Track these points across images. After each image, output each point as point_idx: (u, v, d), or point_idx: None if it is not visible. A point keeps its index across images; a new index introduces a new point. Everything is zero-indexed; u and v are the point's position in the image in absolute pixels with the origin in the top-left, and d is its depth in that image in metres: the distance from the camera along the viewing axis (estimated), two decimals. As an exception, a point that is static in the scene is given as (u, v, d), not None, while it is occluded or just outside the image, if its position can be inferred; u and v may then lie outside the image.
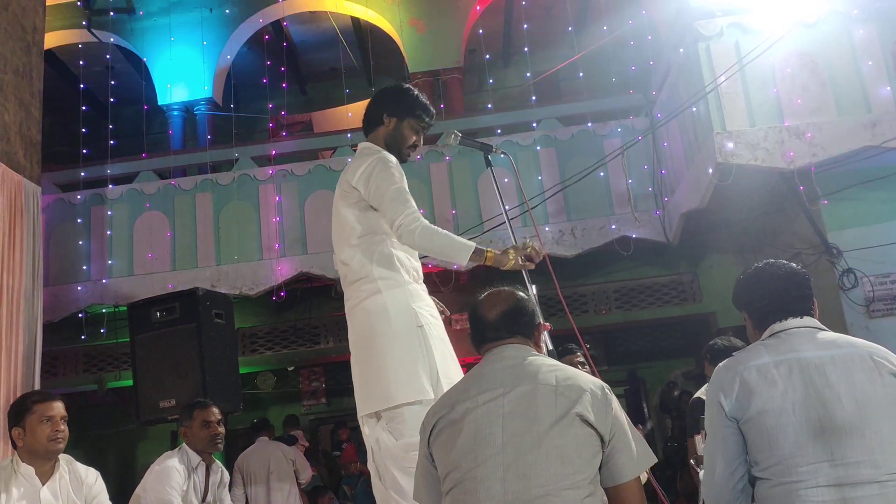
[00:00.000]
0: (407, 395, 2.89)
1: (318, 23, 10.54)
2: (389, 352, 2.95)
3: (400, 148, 3.25)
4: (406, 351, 2.94)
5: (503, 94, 10.93)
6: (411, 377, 2.90)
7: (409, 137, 3.26)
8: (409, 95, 3.27)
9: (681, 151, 7.23)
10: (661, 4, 7.68)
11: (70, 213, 8.30)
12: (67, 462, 3.86)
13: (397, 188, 3.02)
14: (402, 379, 2.90)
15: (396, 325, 2.96)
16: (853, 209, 6.40)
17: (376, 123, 3.27)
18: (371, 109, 3.30)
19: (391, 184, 3.02)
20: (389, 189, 3.01)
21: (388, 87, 3.37)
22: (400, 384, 2.90)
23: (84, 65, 9.48)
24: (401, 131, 3.25)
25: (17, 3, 6.34)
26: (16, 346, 5.69)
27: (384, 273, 3.03)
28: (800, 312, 2.38)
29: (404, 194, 3.02)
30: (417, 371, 2.91)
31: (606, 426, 2.07)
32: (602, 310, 8.88)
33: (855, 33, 6.31)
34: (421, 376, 2.90)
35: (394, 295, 3.00)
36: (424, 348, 2.95)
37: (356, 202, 3.11)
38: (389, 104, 3.25)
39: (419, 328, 2.97)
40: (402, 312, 2.98)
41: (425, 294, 3.14)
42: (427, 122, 3.31)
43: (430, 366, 2.93)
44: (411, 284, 3.07)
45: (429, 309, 3.08)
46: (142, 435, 10.16)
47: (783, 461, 2.15)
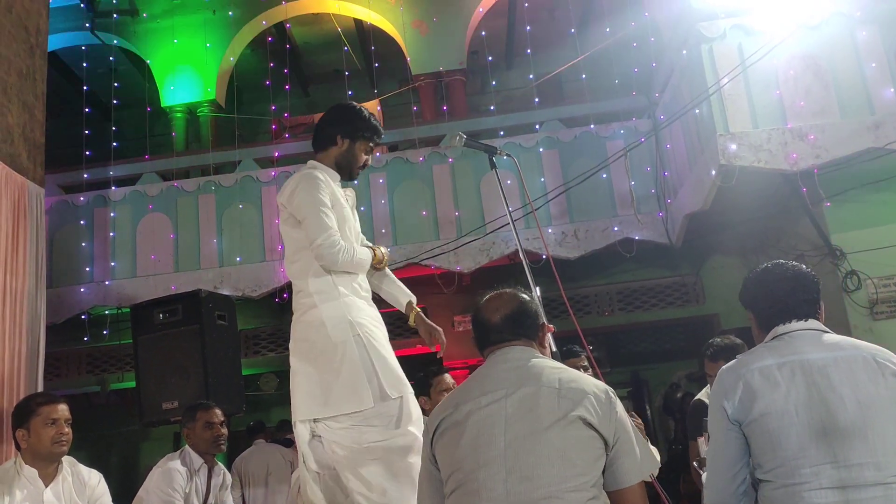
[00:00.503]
0: (349, 405, 2.96)
1: (321, 25, 10.56)
2: (329, 363, 3.02)
3: (351, 168, 3.33)
4: (343, 361, 3.00)
5: (506, 95, 10.93)
6: (350, 388, 2.97)
7: (361, 158, 3.33)
8: (363, 117, 3.32)
9: (684, 153, 7.23)
10: (664, 6, 7.68)
11: (73, 214, 8.31)
12: (70, 464, 3.87)
13: (317, 208, 3.09)
14: (342, 389, 2.97)
15: (334, 336, 3.03)
16: (856, 211, 6.39)
17: (328, 143, 3.32)
18: (323, 129, 3.34)
19: (311, 202, 3.09)
20: (310, 207, 3.09)
21: (339, 106, 3.40)
22: (340, 394, 2.97)
23: (87, 67, 9.49)
24: (353, 152, 3.31)
25: (20, 6, 6.36)
26: (19, 348, 5.69)
27: (319, 287, 3.10)
28: (804, 315, 2.37)
29: (324, 213, 3.09)
30: (356, 381, 2.97)
31: (610, 430, 2.06)
32: (605, 311, 8.87)
33: (858, 35, 6.30)
34: (360, 386, 2.96)
35: (329, 308, 3.07)
36: (362, 358, 3.00)
37: (287, 219, 3.20)
38: (343, 125, 3.30)
39: (356, 337, 3.03)
40: (339, 324, 3.04)
41: (367, 306, 3.19)
42: (377, 143, 3.38)
43: (369, 375, 2.99)
44: (348, 297, 3.11)
45: (368, 320, 3.13)
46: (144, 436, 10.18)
47: (786, 463, 2.15)
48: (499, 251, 7.80)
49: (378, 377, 2.99)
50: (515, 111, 9.10)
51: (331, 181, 3.22)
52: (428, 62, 9.51)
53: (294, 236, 3.18)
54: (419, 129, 8.53)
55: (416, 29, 9.56)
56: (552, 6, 10.24)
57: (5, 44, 6.06)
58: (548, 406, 2.06)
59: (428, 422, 2.30)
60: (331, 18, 10.14)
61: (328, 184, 3.18)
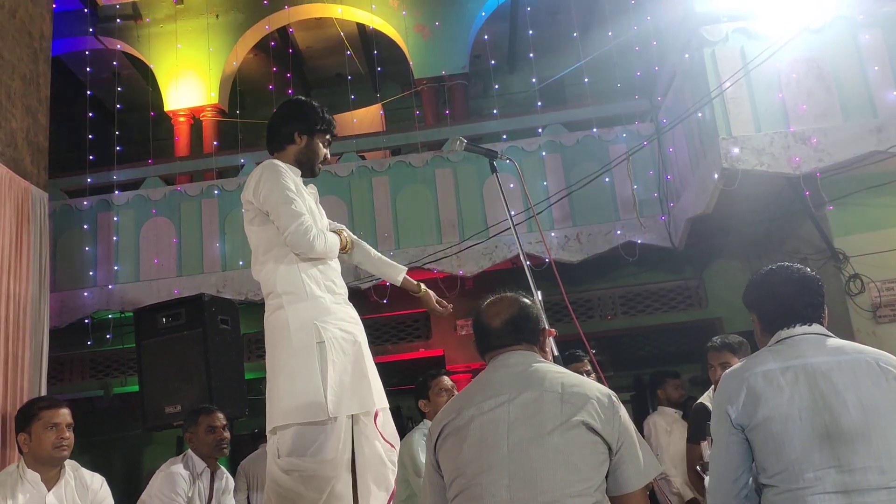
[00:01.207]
0: (295, 416, 2.87)
1: (324, 29, 10.58)
2: (285, 370, 2.94)
3: (313, 164, 3.27)
4: (300, 370, 2.90)
5: (508, 99, 10.93)
6: (301, 398, 2.87)
7: (321, 152, 3.27)
8: (317, 112, 3.25)
9: (686, 157, 7.22)
10: (667, 10, 7.68)
11: (77, 219, 8.33)
12: (73, 468, 3.87)
13: (286, 196, 3.00)
14: (293, 399, 2.88)
15: (295, 340, 2.94)
16: (859, 214, 6.38)
17: (286, 142, 3.24)
18: (278, 127, 3.27)
19: (278, 191, 3.01)
20: (279, 196, 3.00)
21: (291, 102, 3.34)
22: (290, 404, 2.88)
23: (91, 71, 9.51)
24: (313, 147, 3.24)
25: (24, 11, 6.38)
26: (22, 352, 5.70)
27: (287, 287, 3.01)
28: (809, 319, 2.37)
29: (294, 200, 3.00)
30: (308, 391, 2.87)
31: (614, 435, 2.06)
32: (608, 315, 8.86)
33: (861, 38, 6.30)
34: (310, 397, 2.86)
35: (295, 310, 2.98)
36: (320, 366, 2.90)
37: (254, 217, 3.11)
38: (299, 122, 3.23)
39: (319, 344, 2.93)
40: (303, 328, 2.95)
41: (340, 308, 3.09)
42: (333, 135, 3.32)
43: (322, 385, 2.88)
44: (321, 298, 3.01)
45: (338, 323, 3.02)
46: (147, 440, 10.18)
47: (790, 468, 2.15)
48: (501, 255, 7.80)
49: (326, 392, 2.87)
50: (518, 115, 9.10)
51: (294, 176, 3.16)
52: (430, 66, 9.52)
53: (262, 235, 3.09)
54: (422, 132, 8.54)
55: (419, 33, 9.58)
56: (554, 10, 10.24)
57: (9, 49, 6.08)
58: (551, 411, 2.06)
59: (431, 427, 2.29)
60: (333, 23, 10.16)
61: (292, 175, 3.12)
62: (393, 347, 8.86)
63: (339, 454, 2.87)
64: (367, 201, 8.08)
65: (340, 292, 3.14)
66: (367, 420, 2.99)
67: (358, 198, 8.09)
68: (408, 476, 4.36)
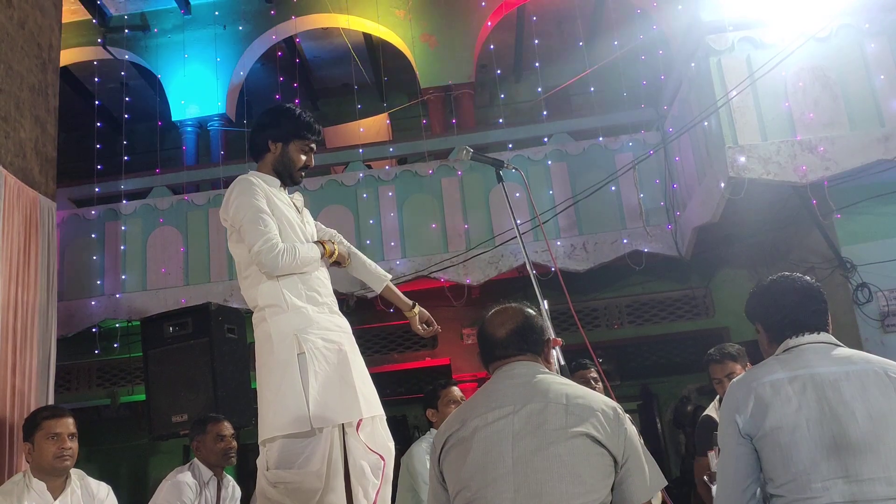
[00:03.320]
0: (280, 429, 2.84)
1: (331, 39, 10.62)
2: (269, 383, 2.91)
3: (291, 172, 3.17)
4: (282, 382, 2.87)
5: (514, 108, 10.95)
6: (285, 410, 2.84)
7: (298, 160, 3.16)
8: (291, 116, 3.15)
9: (692, 166, 7.22)
10: (673, 19, 7.70)
11: (84, 228, 8.36)
12: (79, 477, 3.88)
13: (253, 212, 2.95)
14: (277, 412, 2.85)
15: (277, 353, 2.91)
16: (867, 223, 6.36)
17: (262, 150, 3.17)
18: (255, 136, 3.19)
19: (246, 208, 2.96)
20: (246, 213, 2.96)
21: (268, 110, 3.25)
22: (275, 417, 2.86)
23: (99, 81, 9.57)
24: (288, 155, 3.15)
25: (33, 22, 6.43)
26: (30, 361, 5.72)
27: (270, 300, 2.97)
28: (816, 328, 2.37)
29: (260, 217, 2.94)
30: (291, 403, 2.83)
31: (619, 447, 2.05)
32: (614, 324, 8.84)
33: (867, 47, 6.30)
34: (294, 409, 2.83)
35: (277, 322, 2.94)
36: (301, 378, 2.86)
37: (232, 234, 3.09)
38: (272, 129, 3.14)
39: (300, 356, 2.89)
40: (284, 340, 2.91)
41: (324, 317, 3.03)
42: (314, 140, 3.20)
43: (305, 397, 2.83)
44: (301, 309, 2.96)
45: (321, 333, 2.97)
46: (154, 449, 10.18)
47: (798, 478, 2.14)
48: (507, 264, 7.80)
49: (308, 403, 2.83)
50: (524, 124, 9.12)
51: (269, 188, 3.08)
52: (437, 76, 9.54)
53: (241, 251, 3.05)
54: (428, 142, 8.55)
55: (425, 43, 9.60)
56: (560, 19, 10.27)
57: (18, 59, 6.13)
58: (555, 422, 2.05)
59: (435, 438, 2.28)
60: (340, 33, 10.20)
61: (265, 189, 3.05)
62: (399, 356, 8.85)
63: (325, 465, 2.84)
64: (374, 210, 8.09)
65: (325, 301, 3.06)
66: (350, 430, 2.95)
67: (364, 207, 8.10)
68: (415, 485, 4.35)
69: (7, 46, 5.98)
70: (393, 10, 9.68)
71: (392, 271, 7.37)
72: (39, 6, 6.54)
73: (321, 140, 3.27)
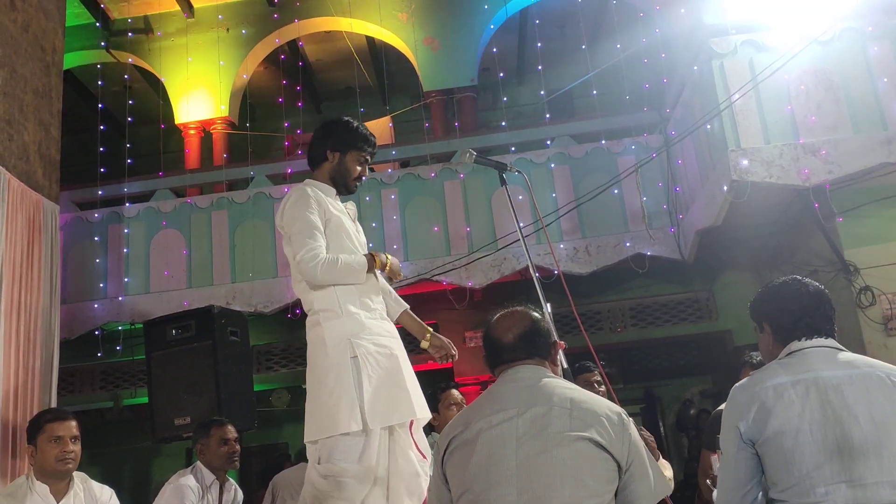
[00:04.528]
0: (333, 428, 2.93)
1: (334, 42, 10.64)
2: (323, 384, 3.00)
3: (346, 181, 3.33)
4: (337, 384, 2.97)
5: (517, 112, 10.96)
6: (337, 412, 2.93)
7: (354, 170, 3.32)
8: (350, 128, 3.32)
9: (695, 169, 7.22)
10: (675, 22, 7.70)
11: (87, 231, 8.37)
12: (82, 480, 3.88)
13: (303, 223, 3.08)
14: (331, 412, 2.94)
15: (331, 357, 3.01)
16: (870, 226, 6.36)
17: (320, 160, 3.33)
18: (314, 146, 3.35)
19: (298, 219, 3.10)
20: (296, 224, 3.10)
21: (328, 121, 3.40)
22: (329, 417, 2.95)
23: (102, 85, 9.60)
24: (344, 165, 3.30)
25: (37, 25, 6.44)
26: (33, 363, 5.72)
27: (324, 305, 3.08)
28: (825, 332, 2.36)
29: (309, 229, 3.07)
30: (343, 405, 2.93)
31: (623, 453, 2.04)
32: (617, 327, 8.84)
33: (870, 50, 6.30)
34: (346, 410, 2.92)
35: (331, 327, 3.05)
36: (354, 381, 2.96)
37: (286, 239, 3.21)
38: (331, 139, 3.31)
39: (353, 359, 2.99)
40: (338, 344, 3.01)
41: (376, 323, 3.14)
42: (369, 152, 3.36)
43: (358, 399, 2.93)
44: (356, 315, 3.07)
45: (373, 338, 3.07)
46: (156, 452, 10.20)
47: (801, 482, 2.14)
48: (510, 267, 7.79)
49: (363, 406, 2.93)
50: (526, 127, 9.11)
51: (325, 196, 3.22)
52: (439, 79, 9.55)
53: None
54: (430, 145, 8.56)
55: (428, 46, 9.61)
56: (563, 23, 10.28)
57: (22, 62, 6.14)
58: (559, 426, 2.05)
59: (438, 440, 2.29)
60: (343, 36, 10.22)
61: (320, 199, 3.17)
62: (402, 359, 8.82)
63: (374, 465, 2.95)
64: (376, 213, 8.10)
65: (376, 308, 3.19)
66: (402, 431, 3.06)
67: (367, 210, 8.10)
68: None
69: (11, 50, 6.00)
70: (395, 14, 9.70)
71: (395, 274, 7.36)
72: (43, 9, 6.56)
73: (375, 153, 3.43)
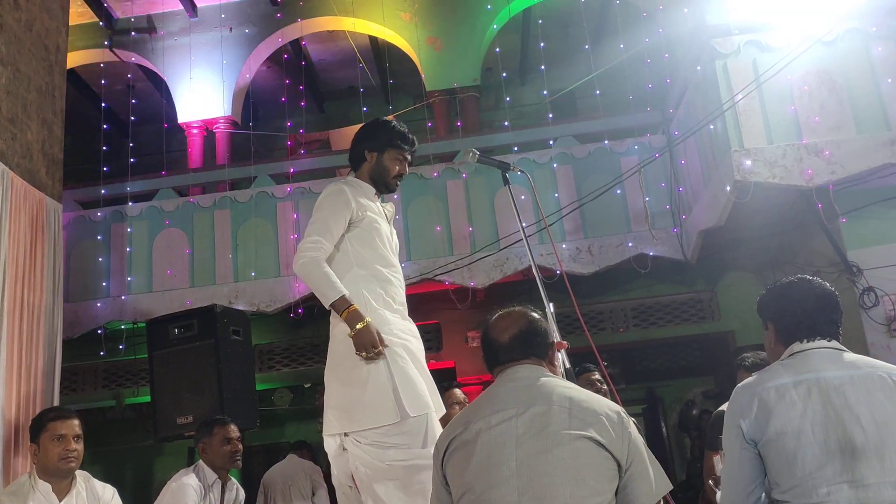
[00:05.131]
0: (372, 420, 2.96)
1: (337, 42, 10.64)
2: (356, 377, 3.03)
3: (385, 180, 3.37)
4: (368, 377, 3.00)
5: (520, 111, 10.95)
6: (375, 403, 2.96)
7: (392, 168, 3.35)
8: (387, 128, 3.37)
9: (698, 169, 7.21)
10: (678, 22, 7.69)
11: (90, 229, 8.38)
12: (84, 479, 3.89)
13: (324, 216, 3.15)
14: (366, 405, 2.97)
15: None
16: (873, 227, 6.35)
17: (360, 160, 3.38)
18: (353, 148, 3.41)
19: (322, 210, 3.18)
20: (318, 213, 3.18)
21: (367, 123, 3.47)
22: (364, 411, 2.97)
23: (105, 84, 9.61)
24: (382, 164, 3.34)
25: (40, 24, 6.45)
26: (36, 362, 5.73)
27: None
28: (829, 335, 2.36)
29: (326, 224, 3.12)
30: (381, 397, 2.96)
31: (623, 452, 2.04)
32: (619, 328, 8.84)
33: (874, 51, 6.29)
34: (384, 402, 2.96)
35: None
36: (386, 372, 2.99)
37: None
38: (368, 140, 3.36)
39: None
40: None
41: (399, 319, 3.20)
42: (408, 150, 3.39)
43: (393, 391, 2.97)
44: (381, 311, 3.12)
45: (398, 333, 3.12)
46: (159, 451, 10.21)
47: (803, 483, 2.14)
48: (512, 267, 7.79)
49: (399, 394, 2.97)
50: (529, 127, 9.11)
51: (363, 195, 3.26)
52: (442, 78, 9.55)
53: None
54: (433, 144, 8.55)
55: (431, 46, 9.61)
56: (566, 22, 10.27)
57: (25, 61, 6.15)
58: (559, 425, 2.04)
59: (438, 441, 2.29)
60: (346, 36, 10.22)
61: (357, 197, 3.21)
62: (404, 359, 8.82)
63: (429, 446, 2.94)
64: (379, 213, 8.08)
65: (399, 308, 3.24)
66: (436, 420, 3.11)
67: (369, 209, 8.10)
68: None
69: (14, 49, 6.01)
70: (398, 13, 9.70)
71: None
72: (47, 8, 6.57)
73: (415, 151, 3.47)
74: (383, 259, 3.24)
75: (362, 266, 3.18)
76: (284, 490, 6.73)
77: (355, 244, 3.20)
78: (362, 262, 3.18)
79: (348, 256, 3.19)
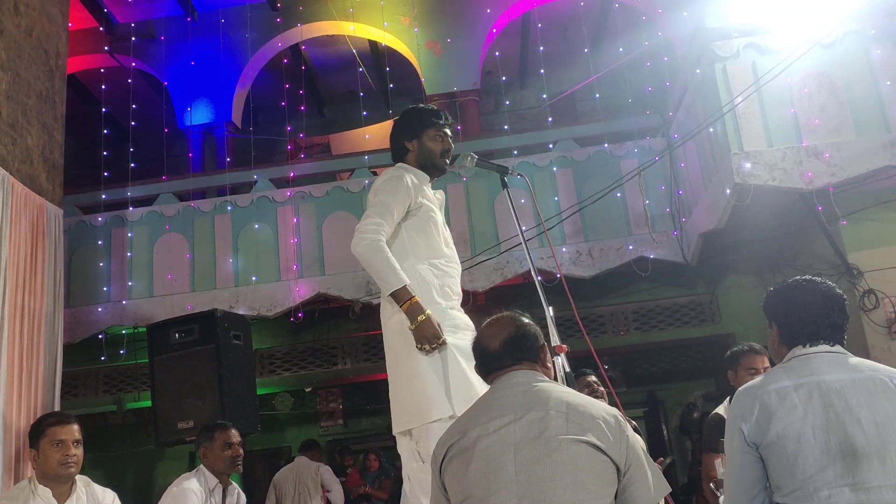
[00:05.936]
0: (429, 413, 2.88)
1: (336, 46, 10.66)
2: (410, 371, 2.96)
3: (434, 161, 3.36)
4: (424, 370, 2.92)
5: (519, 115, 10.96)
6: (430, 396, 2.89)
7: (437, 147, 3.34)
8: (415, 113, 3.37)
9: (698, 172, 7.22)
10: (677, 26, 7.70)
11: (91, 234, 8.38)
12: (85, 483, 3.88)
13: (383, 199, 3.08)
14: (423, 398, 2.90)
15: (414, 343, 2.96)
16: (873, 229, 6.35)
17: (403, 153, 3.36)
18: (393, 145, 3.39)
19: (380, 193, 3.12)
20: (377, 197, 3.12)
21: (396, 120, 3.45)
22: (422, 403, 2.90)
23: (106, 89, 9.62)
24: (425, 147, 3.33)
25: (40, 29, 6.46)
26: (37, 367, 5.73)
27: None
28: (831, 340, 2.35)
29: (385, 208, 3.06)
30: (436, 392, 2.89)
31: (621, 455, 2.04)
32: (620, 331, 8.83)
33: (873, 53, 6.29)
34: (438, 393, 2.89)
35: None
36: (443, 366, 2.92)
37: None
38: (404, 132, 3.35)
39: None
40: None
41: (455, 313, 3.12)
42: (444, 123, 3.37)
43: (444, 384, 2.91)
44: (439, 303, 3.05)
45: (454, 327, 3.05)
46: (160, 456, 10.19)
47: (804, 486, 2.13)
48: (513, 270, 7.79)
49: (450, 391, 2.89)
50: (529, 130, 9.11)
51: (420, 183, 3.24)
52: (442, 82, 9.56)
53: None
54: (433, 148, 8.53)
55: (431, 50, 9.63)
56: (565, 26, 10.28)
57: (25, 67, 6.16)
58: (556, 430, 2.04)
59: (436, 448, 2.27)
60: (346, 40, 10.24)
61: (414, 185, 3.18)
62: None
63: None
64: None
65: (455, 299, 3.19)
66: None
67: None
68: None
69: (15, 54, 6.02)
70: (398, 18, 9.71)
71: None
72: (47, 14, 6.58)
73: (451, 122, 3.44)
74: (439, 249, 3.19)
75: (417, 256, 3.12)
76: (294, 491, 6.78)
77: (411, 232, 3.15)
78: (417, 251, 3.12)
79: (404, 245, 3.12)
